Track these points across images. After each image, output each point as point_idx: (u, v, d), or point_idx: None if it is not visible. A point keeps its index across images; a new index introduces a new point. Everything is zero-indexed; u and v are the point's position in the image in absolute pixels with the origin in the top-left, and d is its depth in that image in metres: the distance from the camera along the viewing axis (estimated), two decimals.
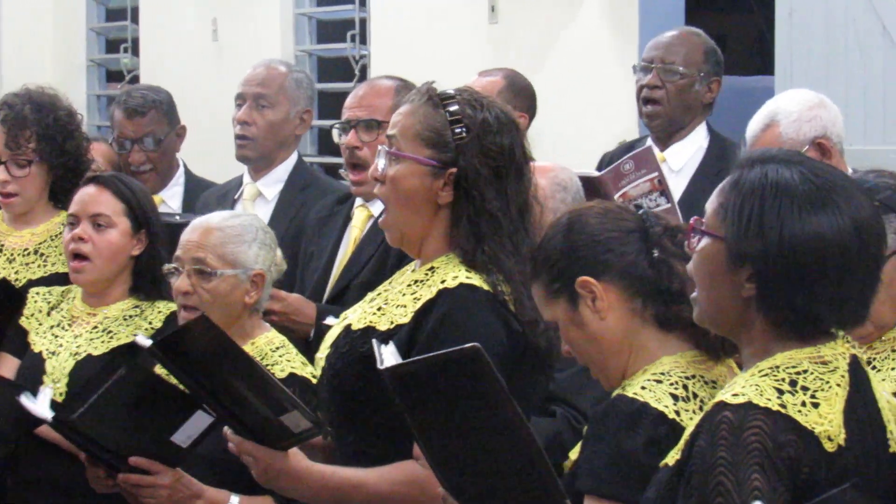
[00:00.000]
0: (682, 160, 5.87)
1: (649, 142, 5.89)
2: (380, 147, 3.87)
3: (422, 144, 3.78)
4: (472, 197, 3.74)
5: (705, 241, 3.04)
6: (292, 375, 4.29)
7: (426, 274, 3.79)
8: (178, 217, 5.22)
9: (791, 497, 2.85)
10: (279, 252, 4.60)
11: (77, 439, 4.14)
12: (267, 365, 4.28)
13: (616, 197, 5.03)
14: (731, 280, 3.00)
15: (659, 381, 3.23)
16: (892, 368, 3.73)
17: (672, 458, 3.01)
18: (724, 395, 2.94)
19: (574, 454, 3.28)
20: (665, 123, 5.90)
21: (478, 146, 3.75)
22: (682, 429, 3.11)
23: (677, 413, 3.19)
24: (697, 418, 3.05)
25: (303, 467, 3.74)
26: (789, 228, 2.94)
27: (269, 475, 3.76)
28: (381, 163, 3.83)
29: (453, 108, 3.78)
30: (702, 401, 3.22)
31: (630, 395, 3.23)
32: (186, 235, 4.50)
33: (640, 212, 3.46)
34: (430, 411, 3.11)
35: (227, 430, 3.80)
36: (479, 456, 3.07)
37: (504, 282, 3.72)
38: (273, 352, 4.41)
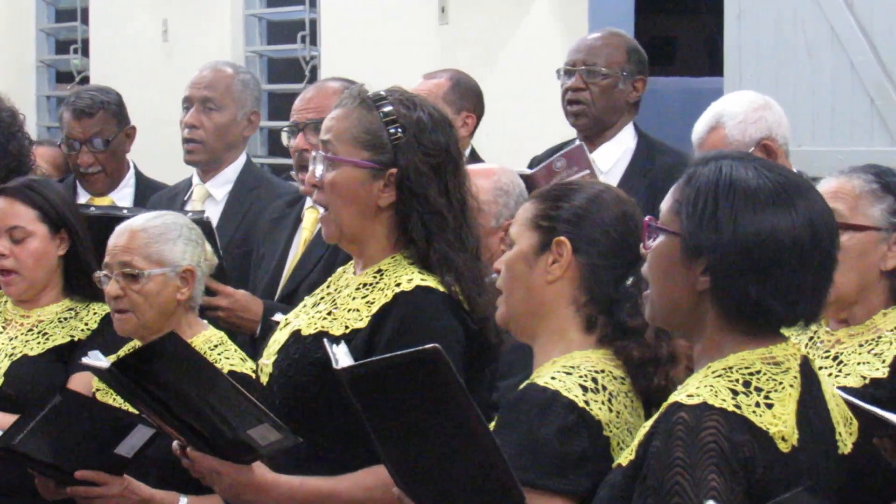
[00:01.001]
0: (610, 161, 5.87)
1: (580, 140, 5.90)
2: (314, 153, 3.85)
3: (358, 147, 3.76)
4: (417, 196, 3.73)
5: (661, 238, 3.04)
6: (231, 373, 4.24)
7: (374, 277, 3.77)
8: (125, 211, 5.16)
9: (746, 497, 2.85)
10: (209, 246, 4.58)
11: (22, 461, 4.15)
12: None
13: None
14: (686, 274, 3.00)
15: (569, 373, 3.24)
16: (859, 363, 3.74)
17: (625, 458, 3.01)
18: (679, 396, 2.95)
19: None
20: (591, 122, 5.90)
21: (415, 145, 3.74)
22: (592, 417, 3.18)
23: (587, 403, 3.20)
24: (606, 407, 3.14)
25: (269, 480, 3.68)
26: (744, 222, 2.95)
27: (234, 490, 3.70)
28: (318, 169, 3.80)
29: (387, 108, 3.77)
30: (610, 393, 3.24)
31: (541, 384, 3.23)
32: (112, 240, 4.47)
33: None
34: (387, 412, 3.10)
35: (189, 450, 3.72)
36: (437, 456, 3.07)
37: (455, 281, 3.71)
38: (212, 350, 4.39)
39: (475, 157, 6.01)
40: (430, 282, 3.70)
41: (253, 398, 3.66)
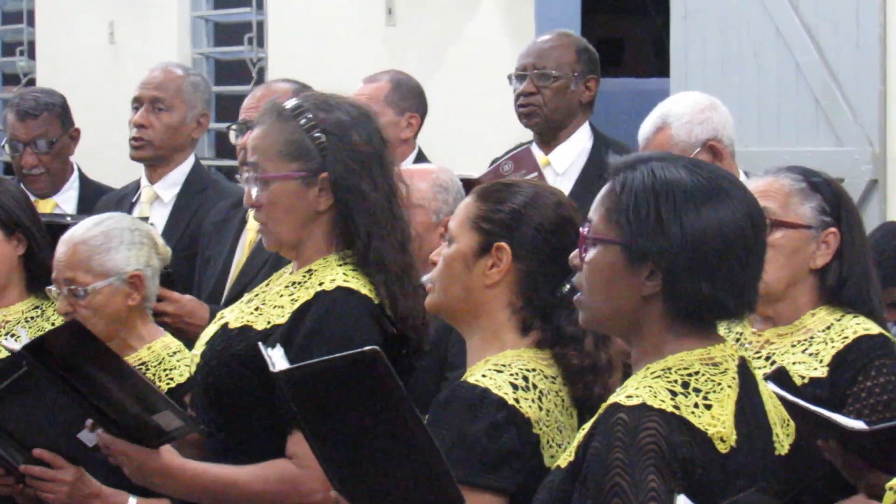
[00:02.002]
0: (566, 163, 5.86)
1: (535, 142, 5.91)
2: (246, 175, 3.86)
3: (286, 160, 3.78)
4: (353, 194, 3.75)
5: (598, 248, 3.02)
6: (191, 379, 4.24)
7: (304, 276, 3.79)
8: (69, 218, 5.15)
9: (686, 497, 2.84)
10: (159, 241, 4.53)
11: None
12: (165, 368, 4.27)
13: None
14: (631, 281, 2.98)
15: (500, 371, 3.24)
16: (794, 363, 3.75)
17: (564, 459, 3.00)
18: (618, 397, 2.94)
19: None
20: (544, 125, 5.87)
21: (340, 145, 3.76)
22: (521, 415, 3.18)
23: (517, 400, 3.20)
24: (536, 405, 3.16)
25: (175, 464, 3.73)
26: (689, 222, 2.95)
27: (141, 473, 3.75)
28: (254, 191, 3.81)
29: (306, 116, 3.78)
30: (541, 392, 3.24)
31: (472, 381, 3.23)
32: (57, 253, 4.43)
33: None
34: (325, 414, 3.09)
35: (99, 430, 3.77)
36: (374, 457, 3.07)
37: (384, 282, 3.74)
38: (170, 356, 4.36)
39: (422, 157, 6.01)
40: (353, 283, 3.73)
41: (155, 386, 3.75)
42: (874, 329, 3.82)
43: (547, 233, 3.36)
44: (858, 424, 3.27)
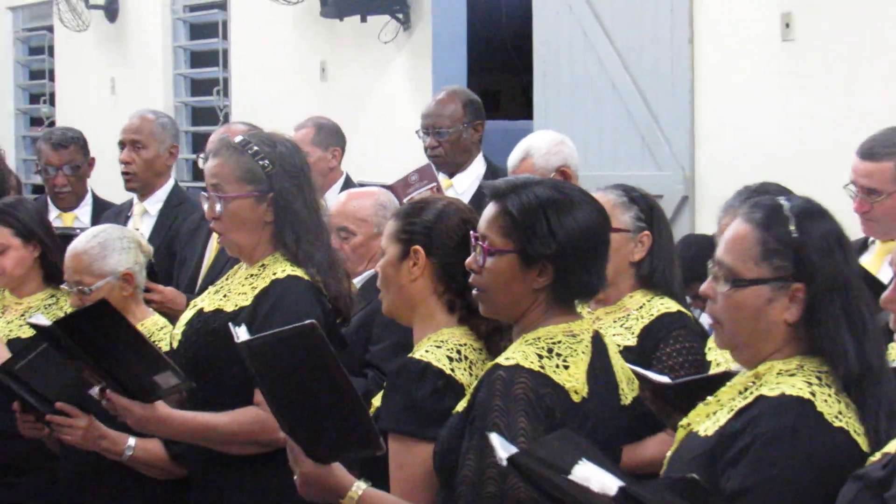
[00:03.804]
0: (465, 185, 5.86)
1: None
2: (208, 194, 3.82)
3: (242, 183, 3.76)
4: (288, 211, 3.75)
5: (495, 257, 2.98)
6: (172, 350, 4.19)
7: (259, 269, 3.79)
8: (78, 231, 5.08)
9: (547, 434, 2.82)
10: (143, 242, 4.46)
11: (17, 388, 4.10)
12: (155, 340, 4.19)
13: (404, 202, 5.02)
14: (525, 278, 2.97)
15: (439, 347, 3.20)
16: (614, 335, 3.71)
17: (461, 406, 3.00)
18: (499, 359, 2.94)
19: (377, 401, 3.24)
20: (448, 166, 5.90)
21: (282, 172, 3.76)
22: (457, 381, 3.14)
23: (452, 370, 3.16)
24: (467, 372, 3.13)
25: (167, 413, 3.73)
26: (570, 227, 2.94)
27: (141, 423, 3.74)
28: (216, 207, 3.78)
29: (254, 149, 3.77)
30: (471, 362, 3.20)
31: (417, 356, 3.19)
32: (66, 260, 4.39)
33: None
34: (277, 375, 3.05)
35: (108, 391, 3.75)
36: (313, 408, 3.02)
37: (317, 272, 3.75)
38: (159, 330, 4.31)
39: (349, 181, 6.00)
40: (299, 272, 3.73)
41: (159, 350, 3.74)
42: (674, 307, 3.83)
43: (452, 232, 3.30)
44: (665, 379, 3.28)
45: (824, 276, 2.63)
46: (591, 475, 2.26)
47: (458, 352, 3.20)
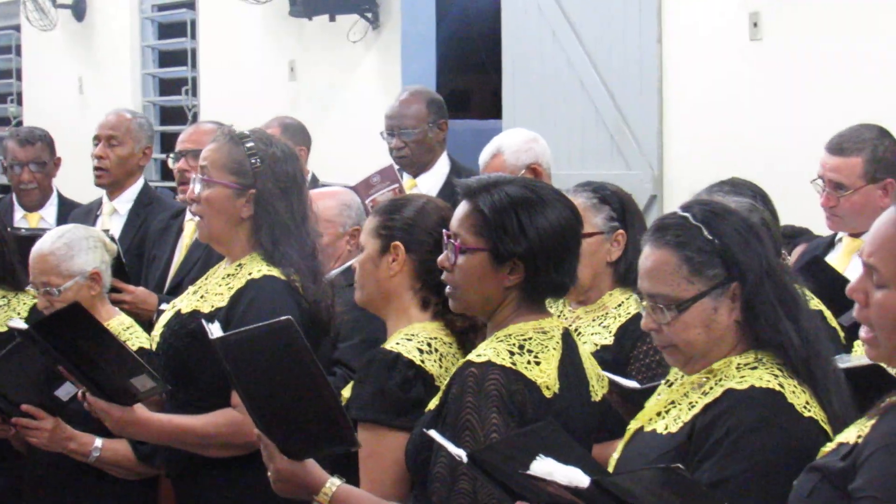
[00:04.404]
0: (429, 185, 5.82)
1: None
2: (194, 175, 3.85)
3: (227, 172, 3.77)
4: (268, 211, 3.75)
5: (467, 256, 2.99)
6: (141, 349, 4.16)
7: (236, 269, 3.79)
8: (23, 231, 5.07)
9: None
10: (107, 241, 4.43)
11: None
12: (122, 340, 4.16)
13: (367, 202, 5.02)
14: (497, 276, 2.97)
15: (409, 339, 3.21)
16: (592, 333, 3.73)
17: (433, 403, 3.00)
18: (471, 356, 2.94)
19: (346, 392, 3.25)
20: (414, 166, 5.87)
21: (270, 172, 3.76)
22: (427, 372, 3.16)
23: (423, 361, 3.17)
24: (437, 364, 3.15)
25: (145, 416, 3.72)
26: (541, 226, 2.94)
27: (120, 425, 3.73)
28: (196, 187, 3.81)
29: (249, 144, 3.79)
30: (441, 354, 3.21)
31: (388, 348, 3.20)
32: (32, 262, 4.34)
33: None
34: (251, 371, 3.05)
35: (87, 394, 3.74)
36: (288, 404, 3.02)
37: (294, 273, 3.73)
38: (125, 331, 4.27)
39: (315, 180, 5.98)
40: (275, 272, 3.72)
41: (134, 354, 3.72)
42: None
43: (430, 229, 3.31)
44: (632, 383, 3.28)
45: (751, 268, 2.69)
46: (553, 469, 2.26)
47: (429, 344, 3.21)
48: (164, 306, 4.50)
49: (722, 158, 5.96)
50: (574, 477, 2.23)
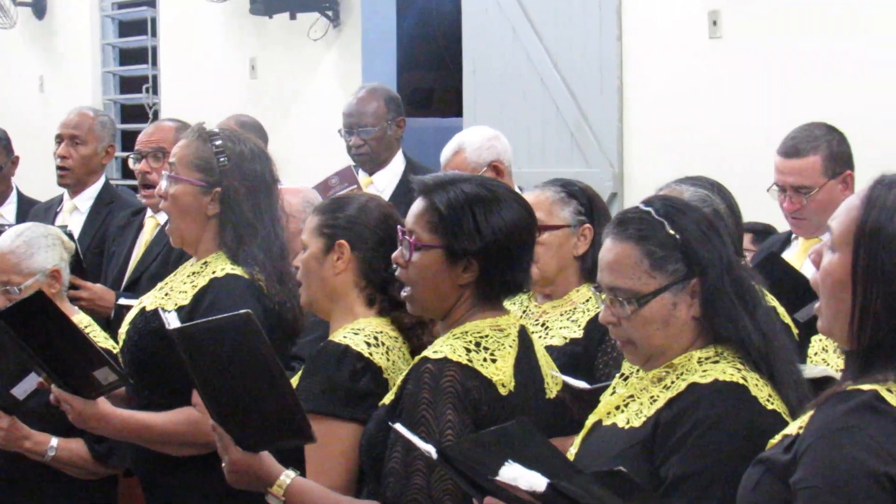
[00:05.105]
0: (385, 182, 5.83)
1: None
2: (164, 171, 3.83)
3: (194, 169, 3.74)
4: (234, 210, 3.72)
5: (421, 253, 2.99)
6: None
7: (201, 267, 3.76)
8: (6, 227, 5.00)
9: (475, 428, 2.84)
10: (65, 239, 4.41)
11: None
12: None
13: None
14: (451, 274, 2.97)
15: (357, 333, 3.21)
16: (560, 327, 3.73)
17: (388, 398, 3.00)
18: (427, 352, 2.94)
19: (294, 382, 3.23)
20: (372, 163, 5.86)
21: (237, 171, 3.73)
22: (375, 364, 3.16)
23: (371, 354, 3.18)
24: (385, 357, 3.16)
25: (108, 411, 3.68)
26: (496, 225, 2.94)
27: (82, 418, 3.69)
28: (164, 184, 3.79)
29: (218, 142, 3.75)
30: (388, 348, 3.21)
31: (336, 340, 3.21)
32: None
33: None
34: (208, 363, 3.03)
35: (53, 386, 3.71)
36: (245, 396, 3.00)
37: (259, 272, 3.70)
38: (83, 329, 4.23)
39: None
40: (238, 271, 3.69)
41: (97, 345, 3.68)
42: None
43: (374, 227, 3.32)
44: (582, 384, 3.28)
45: (712, 264, 2.68)
46: (518, 475, 2.27)
47: (376, 338, 3.21)
48: (122, 300, 4.48)
49: (682, 156, 5.99)
50: (534, 482, 2.24)
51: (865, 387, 2.18)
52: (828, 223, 2.32)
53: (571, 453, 2.80)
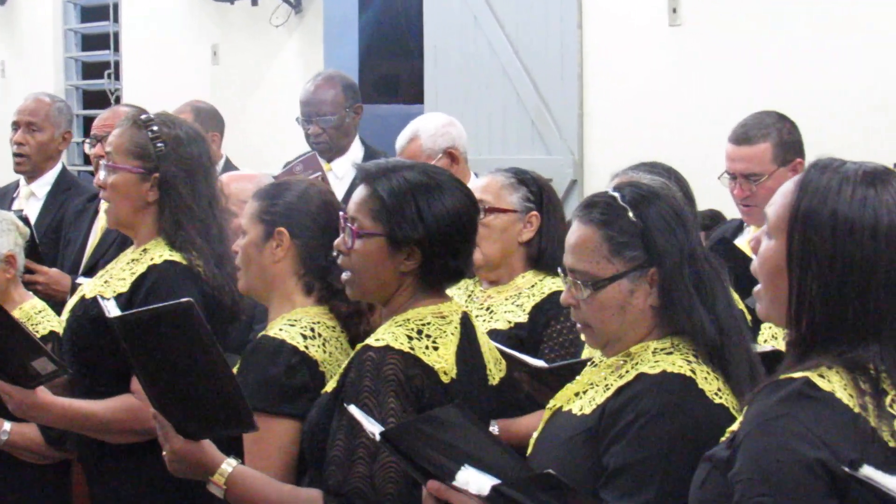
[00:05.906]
0: (343, 169, 5.80)
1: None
2: (101, 161, 3.83)
3: (131, 157, 3.74)
4: (171, 195, 3.72)
5: (363, 240, 2.98)
6: (52, 332, 4.15)
7: (140, 254, 3.75)
8: None
9: (416, 415, 2.82)
10: (19, 224, 4.39)
11: None
12: (33, 324, 4.14)
13: None
14: (393, 261, 2.96)
15: (293, 325, 3.20)
16: (505, 312, 3.74)
17: (330, 386, 2.99)
18: (369, 340, 2.93)
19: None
20: (332, 150, 5.85)
21: (174, 156, 3.73)
22: (311, 358, 3.16)
23: (307, 347, 3.17)
24: (322, 349, 3.15)
25: (48, 400, 3.68)
26: (438, 212, 2.94)
27: (22, 407, 3.69)
28: (102, 174, 3.79)
29: (154, 128, 3.75)
30: (325, 339, 3.21)
31: (272, 335, 3.19)
32: None
33: None
34: (149, 351, 3.02)
35: None
36: (186, 384, 3.00)
37: (197, 257, 3.69)
38: (37, 314, 4.24)
39: (229, 164, 5.96)
40: (177, 257, 3.69)
41: (33, 335, 3.67)
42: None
43: (314, 214, 3.30)
44: (541, 363, 3.29)
45: (671, 255, 2.67)
46: (470, 479, 2.27)
47: (312, 329, 3.20)
48: (81, 280, 4.48)
49: (642, 144, 5.99)
50: (481, 485, 2.26)
51: (797, 374, 2.18)
52: (764, 210, 2.33)
53: (534, 438, 2.79)
